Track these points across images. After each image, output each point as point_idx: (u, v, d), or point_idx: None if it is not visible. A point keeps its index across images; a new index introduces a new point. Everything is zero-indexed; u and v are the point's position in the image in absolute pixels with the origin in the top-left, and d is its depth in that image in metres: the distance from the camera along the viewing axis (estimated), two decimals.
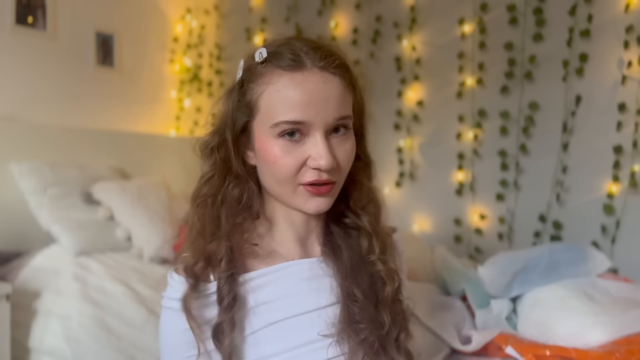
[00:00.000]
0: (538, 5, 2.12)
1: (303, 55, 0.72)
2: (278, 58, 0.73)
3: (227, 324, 0.71)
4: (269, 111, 0.72)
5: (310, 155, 0.72)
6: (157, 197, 2.34)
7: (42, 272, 1.89)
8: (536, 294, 1.51)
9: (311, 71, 0.71)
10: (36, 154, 2.23)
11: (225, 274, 0.72)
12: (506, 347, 1.34)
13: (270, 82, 0.72)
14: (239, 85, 0.77)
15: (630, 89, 1.91)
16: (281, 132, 0.71)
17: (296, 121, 0.71)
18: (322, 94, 0.71)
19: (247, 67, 0.77)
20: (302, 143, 0.72)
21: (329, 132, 0.73)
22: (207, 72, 3.19)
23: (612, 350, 1.24)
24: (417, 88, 2.50)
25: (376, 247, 0.81)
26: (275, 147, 0.72)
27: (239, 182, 0.78)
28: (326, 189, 0.74)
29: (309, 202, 0.75)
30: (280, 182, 0.74)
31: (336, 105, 0.72)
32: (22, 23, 2.31)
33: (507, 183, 2.22)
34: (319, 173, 0.72)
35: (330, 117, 0.72)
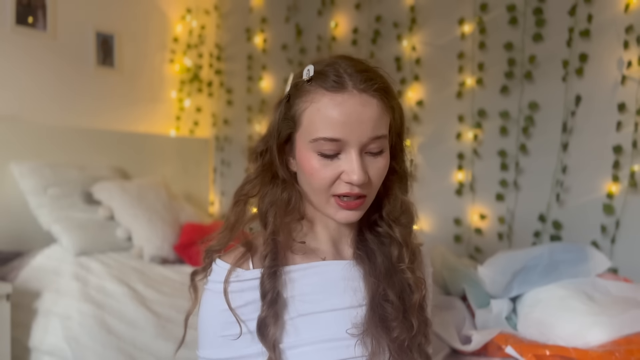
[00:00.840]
0: (538, 5, 2.12)
1: (346, 77, 0.78)
2: (323, 79, 0.79)
3: (270, 318, 0.77)
4: (309, 127, 0.79)
5: (345, 170, 0.79)
6: (157, 197, 2.34)
7: (42, 272, 1.89)
8: (536, 294, 1.51)
9: (351, 93, 0.77)
10: (36, 154, 2.23)
11: (269, 270, 0.79)
12: (506, 347, 1.34)
13: (313, 100, 0.79)
14: (286, 99, 0.84)
15: (630, 89, 1.91)
16: (320, 147, 0.78)
17: (333, 138, 0.77)
18: (359, 116, 0.77)
19: (294, 84, 0.83)
20: (338, 159, 0.79)
21: (364, 149, 0.79)
22: (207, 72, 3.19)
23: (612, 350, 1.24)
24: (417, 88, 2.50)
25: (406, 256, 0.87)
26: (313, 159, 0.79)
27: (286, 186, 0.86)
28: (356, 204, 0.81)
29: (339, 213, 0.82)
30: (315, 191, 0.82)
31: (372, 126, 0.78)
32: (22, 23, 2.32)
33: (507, 183, 2.23)
34: (351, 186, 0.79)
35: (364, 137, 0.78)
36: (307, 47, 2.84)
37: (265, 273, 0.79)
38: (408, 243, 0.88)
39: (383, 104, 0.80)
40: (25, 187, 2.10)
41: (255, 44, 3.05)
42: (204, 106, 3.17)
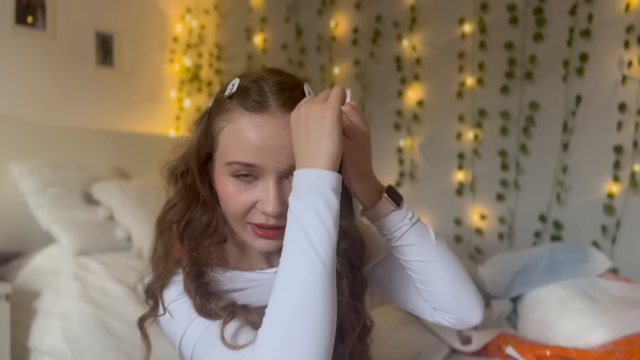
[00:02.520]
0: (538, 5, 2.12)
1: (269, 97, 0.72)
2: (244, 97, 0.73)
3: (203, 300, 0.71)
4: (225, 149, 0.73)
5: (260, 199, 0.73)
6: (157, 197, 2.33)
7: (42, 272, 1.89)
8: (536, 294, 1.51)
9: (272, 115, 0.71)
10: (36, 154, 2.23)
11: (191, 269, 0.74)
12: (506, 347, 1.34)
13: (231, 120, 0.73)
14: (207, 115, 0.78)
15: (630, 89, 1.90)
16: (234, 172, 0.73)
17: (248, 164, 0.71)
18: (277, 140, 0.71)
19: (216, 99, 0.78)
20: (254, 185, 0.73)
21: (283, 176, 0.73)
22: (207, 72, 3.19)
23: (612, 350, 1.24)
24: (417, 88, 2.50)
25: (346, 290, 0.80)
26: (227, 184, 0.74)
27: (206, 208, 0.79)
28: (274, 234, 0.75)
29: (257, 242, 0.76)
30: (230, 218, 0.77)
31: (291, 152, 0.71)
32: (22, 23, 2.31)
33: (507, 183, 2.22)
34: (266, 218, 0.73)
35: (283, 164, 0.72)
36: (307, 47, 2.84)
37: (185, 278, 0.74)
38: (347, 273, 0.80)
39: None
40: (25, 187, 2.10)
41: (255, 43, 3.04)
42: (204, 106, 3.17)
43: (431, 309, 0.85)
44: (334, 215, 0.64)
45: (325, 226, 0.63)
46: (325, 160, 0.64)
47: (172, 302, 0.75)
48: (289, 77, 0.77)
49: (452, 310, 0.83)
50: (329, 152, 0.64)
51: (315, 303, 0.60)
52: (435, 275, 0.81)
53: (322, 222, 0.63)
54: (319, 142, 0.64)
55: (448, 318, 0.84)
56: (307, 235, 0.63)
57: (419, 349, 1.42)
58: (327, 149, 0.64)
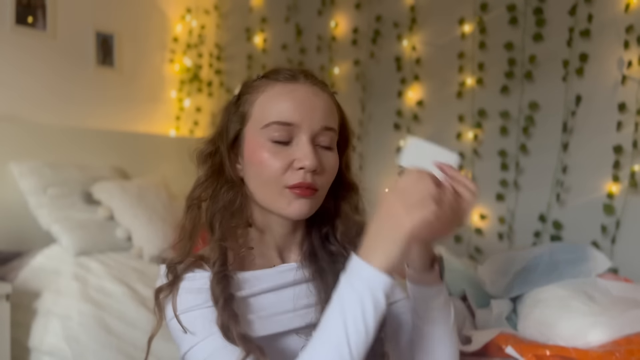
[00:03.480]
0: (538, 5, 2.12)
1: (297, 73, 0.81)
2: (274, 73, 0.82)
3: (229, 319, 0.73)
4: (260, 115, 0.79)
5: (297, 157, 0.77)
6: (157, 197, 2.34)
7: (42, 272, 1.89)
8: (536, 294, 1.51)
9: (303, 84, 0.80)
10: (36, 154, 2.23)
11: (218, 275, 0.75)
12: (506, 347, 1.34)
13: (264, 91, 0.80)
14: (236, 99, 0.84)
15: (630, 89, 1.91)
16: (272, 132, 0.77)
17: (286, 122, 0.77)
18: (310, 102, 0.78)
19: (244, 84, 0.85)
20: (289, 147, 0.78)
21: (315, 138, 0.78)
22: (207, 72, 3.19)
23: (612, 350, 1.24)
24: (417, 88, 2.50)
25: None
26: (263, 149, 0.78)
27: (231, 186, 0.82)
28: (310, 192, 0.78)
29: (292, 205, 0.78)
30: (266, 183, 0.78)
31: (323, 114, 0.79)
32: (22, 23, 2.32)
33: (507, 183, 2.22)
34: (303, 175, 0.77)
35: (316, 124, 0.78)
36: (307, 47, 2.84)
37: (214, 278, 0.75)
38: None
39: (332, 101, 0.82)
40: (25, 187, 2.10)
41: (255, 43, 3.04)
42: (204, 106, 3.17)
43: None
44: (379, 317, 0.65)
45: (366, 326, 0.64)
46: (386, 264, 0.65)
47: (186, 313, 0.75)
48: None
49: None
50: (393, 259, 0.65)
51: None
52: (436, 347, 0.83)
53: (365, 321, 0.64)
54: (388, 243, 0.65)
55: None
56: (346, 330, 0.64)
57: None
58: (392, 255, 0.65)
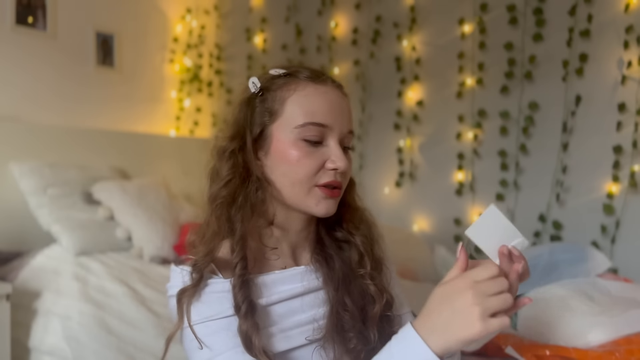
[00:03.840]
0: (538, 5, 2.12)
1: (321, 73, 0.83)
2: (300, 71, 0.82)
3: (251, 329, 0.73)
4: (294, 113, 0.79)
5: (329, 158, 0.79)
6: (157, 197, 2.34)
7: (42, 272, 1.89)
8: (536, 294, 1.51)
9: (332, 86, 0.82)
10: (36, 154, 2.23)
11: (240, 279, 0.75)
12: (506, 347, 1.34)
13: (296, 89, 0.80)
14: (259, 93, 0.83)
15: (630, 89, 1.91)
16: (306, 133, 0.78)
17: (322, 123, 0.78)
18: (340, 106, 0.81)
19: (267, 80, 0.83)
20: (320, 147, 0.80)
21: (341, 141, 0.81)
22: (207, 72, 3.19)
23: (612, 350, 1.24)
24: (417, 88, 2.50)
25: (368, 264, 0.85)
26: (295, 148, 0.79)
27: (260, 184, 0.81)
28: (338, 192, 0.81)
29: (321, 204, 0.80)
30: (296, 182, 0.79)
31: (348, 118, 0.82)
32: (22, 23, 2.32)
33: (507, 183, 2.23)
34: (334, 174, 0.79)
35: (345, 128, 0.81)
36: (307, 47, 2.85)
37: (236, 283, 0.74)
38: (369, 252, 0.86)
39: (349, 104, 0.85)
40: (25, 187, 2.10)
41: (255, 44, 3.05)
42: (204, 106, 3.17)
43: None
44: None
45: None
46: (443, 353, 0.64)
47: (205, 322, 0.74)
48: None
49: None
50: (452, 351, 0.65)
51: None
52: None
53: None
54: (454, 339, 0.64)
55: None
56: None
57: None
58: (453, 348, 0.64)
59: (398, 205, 2.55)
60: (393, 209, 2.56)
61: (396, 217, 2.53)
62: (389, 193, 2.58)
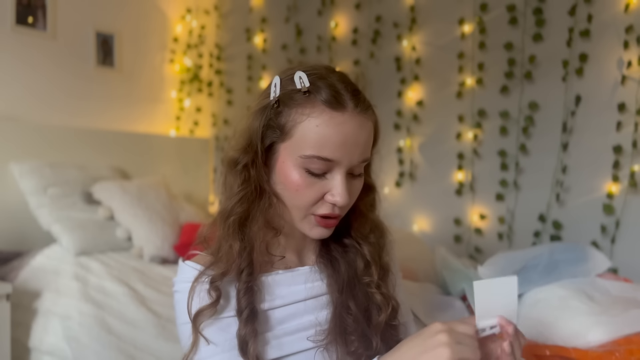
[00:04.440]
0: (538, 5, 2.12)
1: (345, 96, 0.75)
2: (320, 92, 0.75)
3: (249, 334, 0.73)
4: (302, 141, 0.74)
5: (330, 191, 0.76)
6: (157, 197, 2.34)
7: (42, 272, 1.89)
8: (536, 294, 1.51)
9: (351, 114, 0.75)
10: (36, 154, 2.23)
11: (245, 285, 0.75)
12: None
13: (310, 115, 0.74)
14: (275, 105, 0.77)
15: (630, 89, 1.91)
16: (310, 165, 0.75)
17: (327, 158, 0.74)
18: (355, 138, 0.75)
19: (286, 92, 0.77)
20: (324, 178, 0.76)
21: (350, 171, 0.78)
22: (207, 72, 3.19)
23: (612, 350, 1.24)
24: (417, 88, 2.50)
25: (374, 273, 0.84)
26: (298, 176, 0.76)
27: (272, 202, 0.80)
28: (333, 223, 0.79)
29: (314, 230, 0.79)
30: (294, 207, 0.78)
31: (363, 149, 0.77)
32: (22, 23, 2.32)
33: (507, 183, 2.23)
34: (332, 207, 0.77)
35: (356, 160, 0.76)
36: (307, 47, 2.85)
37: (242, 288, 0.75)
38: (376, 261, 0.85)
39: (374, 125, 0.80)
40: (25, 187, 2.10)
41: (255, 44, 3.05)
42: (204, 106, 3.17)
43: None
44: None
45: None
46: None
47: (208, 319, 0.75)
48: (344, 74, 0.82)
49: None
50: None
51: None
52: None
53: None
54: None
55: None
56: None
57: None
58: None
59: (398, 205, 2.55)
60: (393, 209, 2.56)
61: (396, 217, 2.53)
62: (389, 193, 2.58)
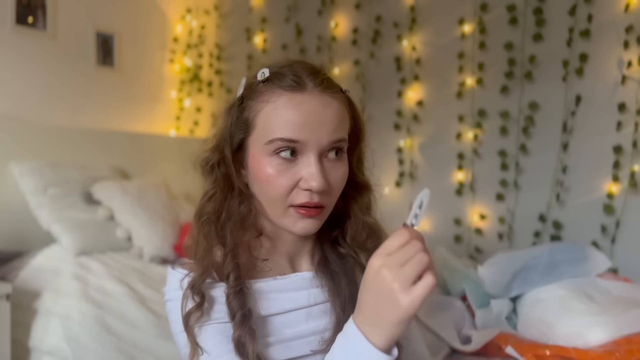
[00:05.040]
0: (538, 5, 2.12)
1: (304, 77, 0.73)
2: (280, 78, 0.74)
3: (245, 336, 0.71)
4: (265, 128, 0.73)
5: (303, 177, 0.72)
6: (157, 197, 2.34)
7: (42, 272, 1.89)
8: (536, 294, 1.51)
9: (311, 93, 0.72)
10: (37, 154, 2.23)
11: (233, 289, 0.73)
12: (506, 347, 1.34)
13: (269, 100, 0.73)
14: (239, 102, 0.77)
15: (630, 89, 1.91)
16: (276, 149, 0.72)
17: (291, 139, 0.71)
18: (319, 116, 0.72)
19: (248, 85, 0.77)
20: (295, 164, 0.73)
21: (323, 154, 0.74)
22: (207, 72, 3.19)
23: (612, 350, 1.24)
24: (417, 88, 2.50)
25: None
26: (268, 166, 0.73)
27: (243, 198, 0.78)
28: (316, 212, 0.74)
29: (298, 224, 0.75)
30: (270, 202, 0.75)
31: (332, 128, 0.73)
32: (22, 23, 2.32)
33: (507, 183, 2.23)
34: (310, 195, 0.73)
35: (325, 140, 0.72)
36: (307, 47, 2.85)
37: (230, 292, 0.72)
38: None
39: (343, 107, 0.76)
40: (25, 187, 2.10)
41: (255, 44, 3.05)
42: (204, 106, 3.17)
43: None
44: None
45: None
46: (388, 345, 0.60)
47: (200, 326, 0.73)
48: (314, 64, 0.78)
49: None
50: (395, 338, 0.60)
51: None
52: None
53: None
54: (390, 326, 0.59)
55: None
56: None
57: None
58: (395, 335, 0.60)
59: (398, 205, 2.55)
60: (393, 209, 2.56)
61: (396, 217, 2.53)
62: (389, 193, 2.58)
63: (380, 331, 0.60)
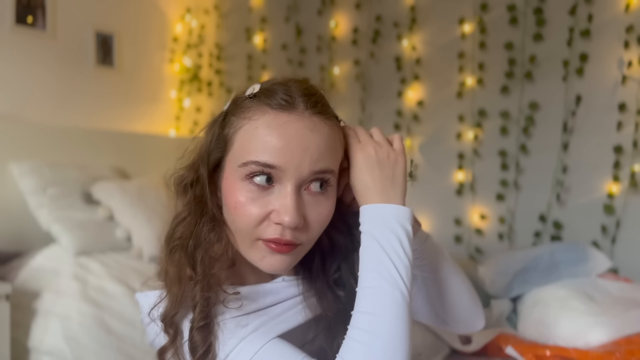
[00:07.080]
0: (538, 5, 2.12)
1: (296, 97, 0.65)
2: (269, 95, 0.65)
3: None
4: (241, 149, 0.65)
5: (275, 209, 0.64)
6: (156, 197, 2.33)
7: (42, 272, 1.89)
8: (536, 294, 1.51)
9: (300, 115, 0.64)
10: (36, 154, 2.23)
11: (198, 323, 0.64)
12: (506, 347, 1.34)
13: (252, 118, 0.65)
14: (222, 117, 0.70)
15: (630, 89, 1.91)
16: (249, 173, 0.64)
17: (267, 164, 0.63)
18: (303, 141, 0.63)
19: (234, 100, 0.70)
20: (270, 192, 0.65)
21: (303, 185, 0.65)
22: (207, 72, 3.19)
23: (612, 350, 1.24)
24: (417, 88, 2.50)
25: None
26: (239, 191, 0.65)
27: (214, 225, 0.69)
28: (288, 248, 0.66)
29: (266, 259, 0.66)
30: (238, 231, 0.67)
31: (317, 156, 0.64)
32: (22, 23, 2.31)
33: (507, 183, 2.22)
34: (281, 230, 0.64)
35: (306, 169, 0.64)
36: (307, 47, 2.84)
37: (194, 326, 0.64)
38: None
39: (335, 134, 0.67)
40: (25, 187, 2.10)
41: (255, 43, 3.04)
42: (204, 106, 3.17)
43: (440, 320, 0.84)
44: (411, 247, 0.67)
45: (407, 256, 0.65)
46: (402, 198, 0.71)
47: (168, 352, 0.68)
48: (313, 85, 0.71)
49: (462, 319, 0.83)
50: (404, 192, 0.73)
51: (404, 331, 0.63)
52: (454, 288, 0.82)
53: (405, 252, 0.65)
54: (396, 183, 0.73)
55: (456, 327, 0.85)
56: (395, 265, 0.63)
57: (419, 348, 1.42)
58: (403, 189, 0.73)
59: None
60: None
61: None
62: None
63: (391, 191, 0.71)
